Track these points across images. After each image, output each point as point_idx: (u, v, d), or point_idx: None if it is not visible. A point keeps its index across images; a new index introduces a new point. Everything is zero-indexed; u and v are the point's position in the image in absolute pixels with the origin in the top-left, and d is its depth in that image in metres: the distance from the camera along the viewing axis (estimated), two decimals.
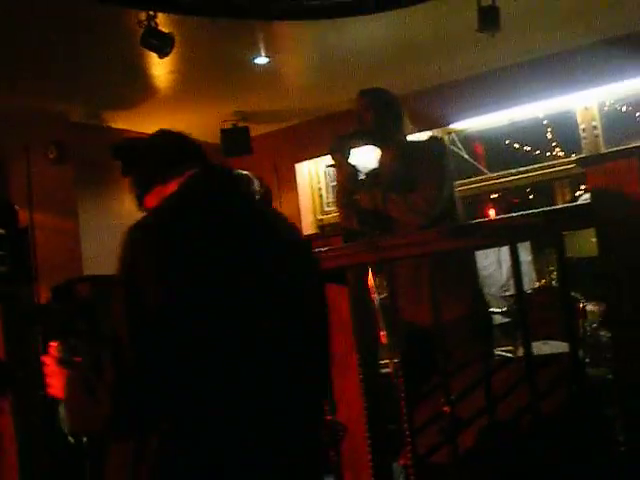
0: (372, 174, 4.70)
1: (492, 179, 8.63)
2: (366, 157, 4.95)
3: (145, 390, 1.99)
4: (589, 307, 6.17)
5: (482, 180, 8.69)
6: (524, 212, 3.26)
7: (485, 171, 8.77)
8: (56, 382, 2.29)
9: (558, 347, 5.22)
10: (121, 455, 2.16)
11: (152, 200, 2.38)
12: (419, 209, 4.35)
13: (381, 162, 4.75)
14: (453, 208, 4.62)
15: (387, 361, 4.39)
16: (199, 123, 8.07)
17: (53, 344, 2.36)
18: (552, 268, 7.81)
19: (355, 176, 4.66)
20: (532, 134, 8.53)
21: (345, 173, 4.66)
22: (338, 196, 4.83)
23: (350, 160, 4.66)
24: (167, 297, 1.98)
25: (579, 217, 3.17)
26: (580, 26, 7.17)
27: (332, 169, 4.98)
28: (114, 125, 8.28)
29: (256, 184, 2.24)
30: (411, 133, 4.86)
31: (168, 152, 2.45)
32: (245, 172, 2.35)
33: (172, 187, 2.28)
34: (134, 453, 2.07)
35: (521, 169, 8.42)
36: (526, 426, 3.28)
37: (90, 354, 2.20)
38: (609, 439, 3.56)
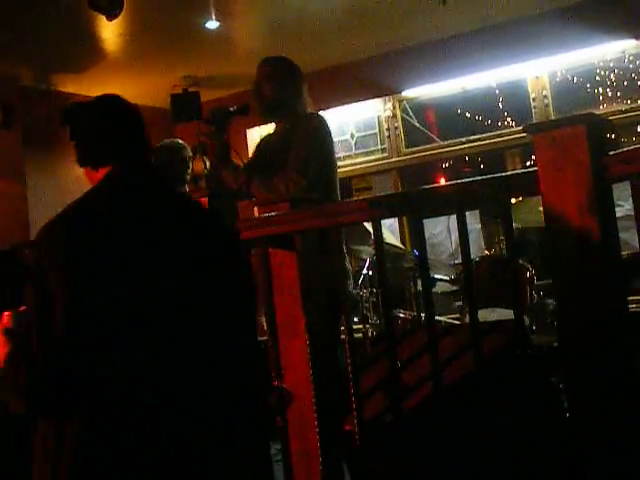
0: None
1: (443, 147, 8.65)
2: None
3: (60, 369, 2.02)
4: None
5: (433, 148, 8.71)
6: (471, 179, 3.27)
7: (437, 139, 8.78)
8: (1, 352, 2.29)
9: (505, 314, 5.26)
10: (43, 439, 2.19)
11: (88, 175, 2.44)
12: (279, 193, 4.34)
13: (275, 132, 4.74)
14: (329, 191, 4.58)
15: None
16: (149, 88, 7.99)
17: (6, 313, 2.37)
18: (502, 237, 7.87)
19: (224, 153, 4.62)
20: (484, 103, 8.54)
21: (216, 148, 4.61)
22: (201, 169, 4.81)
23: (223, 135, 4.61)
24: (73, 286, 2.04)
25: (526, 184, 3.18)
26: None
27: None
28: (63, 89, 8.14)
29: (189, 150, 2.30)
30: (311, 108, 4.82)
31: (105, 137, 2.47)
32: (177, 140, 2.44)
33: (99, 175, 2.32)
34: (55, 437, 2.10)
35: (472, 138, 8.44)
36: (470, 392, 3.31)
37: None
38: (554, 406, 3.60)
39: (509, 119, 8.46)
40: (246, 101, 4.75)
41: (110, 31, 6.93)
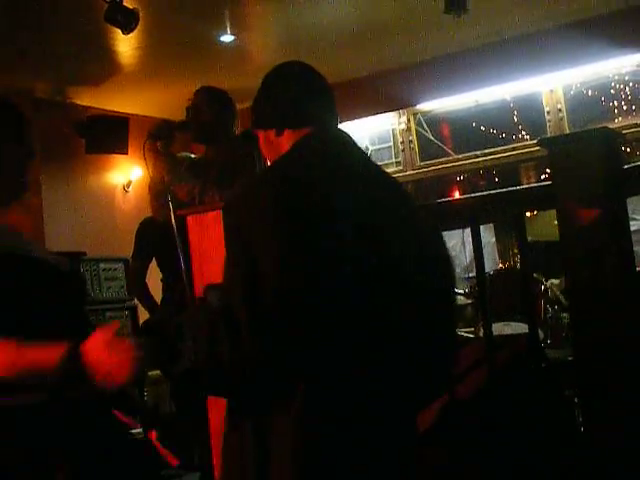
0: (190, 165, 4.67)
1: (458, 161, 8.64)
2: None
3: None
4: (551, 288, 6.19)
5: (448, 162, 8.70)
6: (485, 193, 3.27)
7: (451, 153, 8.77)
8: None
9: (519, 328, 5.24)
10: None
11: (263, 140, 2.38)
12: None
13: (207, 156, 4.73)
14: None
15: None
16: (164, 100, 8.02)
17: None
18: (516, 251, 7.85)
19: (175, 166, 4.60)
20: (498, 116, 8.53)
21: (165, 162, 4.58)
22: (152, 185, 4.75)
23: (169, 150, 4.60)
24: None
25: (540, 198, 3.18)
26: (547, 8, 7.18)
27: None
28: (78, 101, 8.18)
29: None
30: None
31: (303, 100, 2.38)
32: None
33: (282, 139, 2.28)
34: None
35: (486, 151, 8.43)
36: (485, 405, 3.30)
37: None
38: (568, 419, 3.59)
39: (523, 132, 8.45)
40: (185, 119, 4.74)
41: (126, 44, 6.96)
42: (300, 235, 1.98)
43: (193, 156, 4.90)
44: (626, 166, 2.86)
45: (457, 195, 9.13)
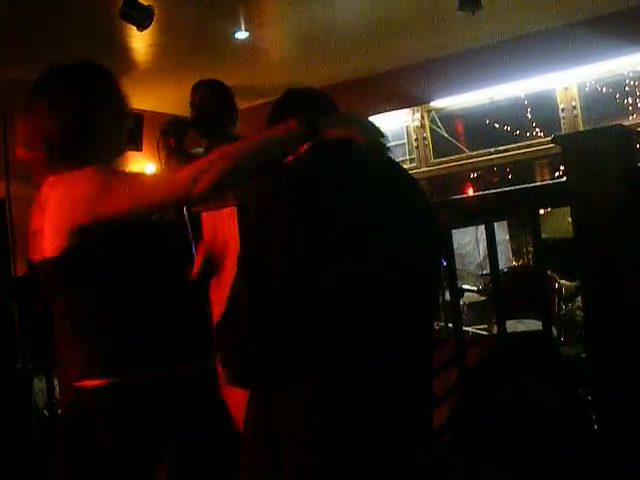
0: None
1: (471, 157, 8.63)
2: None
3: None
4: (565, 285, 6.18)
5: (462, 159, 8.70)
6: (499, 190, 3.27)
7: (465, 150, 8.77)
8: None
9: (533, 326, 5.24)
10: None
11: None
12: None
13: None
14: None
15: None
16: (178, 97, 7.99)
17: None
18: (530, 248, 7.84)
19: (189, 162, 4.59)
20: (512, 113, 8.52)
21: (178, 159, 4.58)
22: None
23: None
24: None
25: (554, 195, 3.18)
26: (561, 6, 7.17)
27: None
28: None
29: None
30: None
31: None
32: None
33: None
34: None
35: (500, 148, 8.43)
36: (499, 402, 3.30)
37: None
38: (582, 417, 3.58)
39: (537, 129, 8.44)
40: (194, 115, 4.74)
41: (141, 41, 6.98)
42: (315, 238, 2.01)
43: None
44: None
45: (471, 192, 9.13)
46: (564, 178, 3.02)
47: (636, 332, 2.77)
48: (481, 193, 4.13)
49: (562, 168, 7.99)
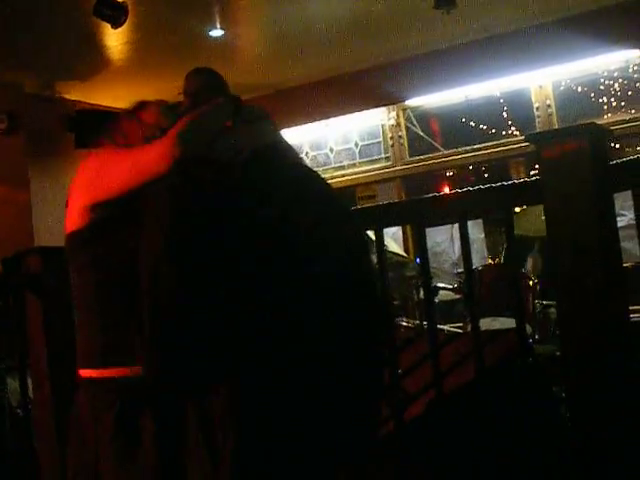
0: None
1: (447, 156, 8.65)
2: None
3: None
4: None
5: (437, 157, 8.71)
6: (474, 187, 3.27)
7: (440, 148, 8.78)
8: None
9: (508, 323, 5.25)
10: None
11: None
12: None
13: None
14: None
15: None
16: (154, 95, 7.94)
17: None
18: (505, 246, 7.86)
19: None
20: (488, 112, 8.54)
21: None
22: None
23: None
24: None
25: (527, 193, 3.19)
26: (537, 4, 7.21)
27: None
28: (67, 96, 8.17)
29: None
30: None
31: None
32: None
33: None
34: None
35: (476, 147, 8.45)
36: (473, 400, 3.31)
37: None
38: (555, 414, 3.60)
39: (513, 128, 8.46)
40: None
41: (115, 39, 6.95)
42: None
43: None
44: (612, 162, 2.86)
45: (447, 190, 9.14)
46: (538, 176, 3.03)
47: (607, 331, 2.79)
48: (456, 191, 4.13)
49: (537, 167, 8.01)
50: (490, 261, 7.83)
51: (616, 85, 7.90)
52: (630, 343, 2.86)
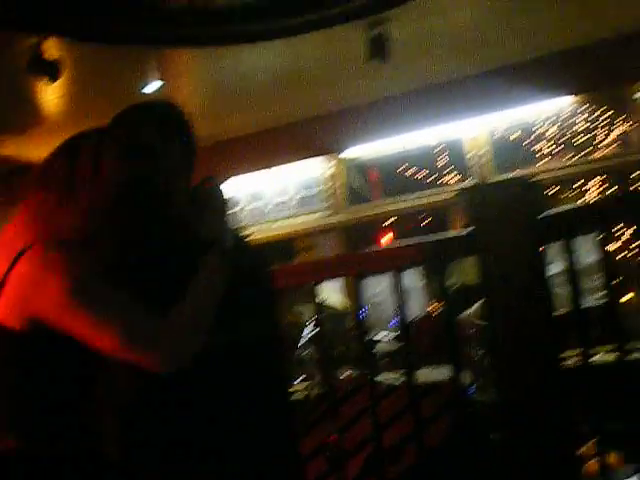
0: None
1: (386, 205, 8.70)
2: None
3: None
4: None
5: (376, 206, 8.76)
6: (404, 244, 3.30)
7: (379, 197, 8.84)
8: None
9: (447, 372, 5.25)
10: None
11: None
12: None
13: None
14: None
15: None
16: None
17: None
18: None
19: None
20: (425, 161, 8.63)
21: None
22: None
23: None
24: None
25: (461, 246, 3.22)
26: (469, 55, 7.32)
27: None
28: (2, 151, 8.08)
29: None
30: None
31: None
32: None
33: None
34: None
35: (414, 195, 8.52)
36: (411, 454, 3.31)
37: None
38: (493, 462, 3.61)
39: (450, 176, 8.56)
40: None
41: (51, 92, 6.90)
42: None
43: None
44: (540, 216, 2.91)
45: (388, 237, 9.16)
46: (470, 229, 3.06)
47: (541, 375, 2.82)
48: (388, 247, 4.17)
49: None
50: (430, 309, 7.85)
51: (549, 133, 8.05)
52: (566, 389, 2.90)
